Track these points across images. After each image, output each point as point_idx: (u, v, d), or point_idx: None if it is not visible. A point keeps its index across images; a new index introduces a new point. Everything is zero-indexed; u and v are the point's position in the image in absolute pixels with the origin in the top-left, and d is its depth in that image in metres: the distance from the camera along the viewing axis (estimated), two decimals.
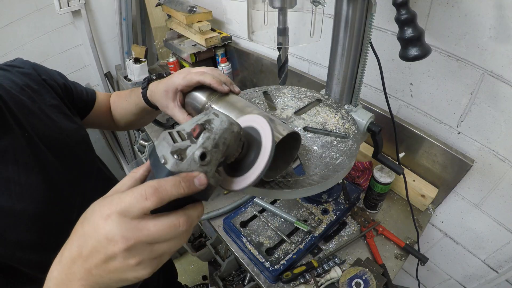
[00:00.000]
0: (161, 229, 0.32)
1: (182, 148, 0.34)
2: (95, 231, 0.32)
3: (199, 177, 0.34)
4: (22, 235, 0.52)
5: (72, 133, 0.66)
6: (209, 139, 0.35)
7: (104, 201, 0.33)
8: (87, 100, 0.77)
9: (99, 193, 0.73)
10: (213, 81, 0.58)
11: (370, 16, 0.63)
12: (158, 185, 0.32)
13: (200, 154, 0.34)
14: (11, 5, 1.58)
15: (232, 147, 0.39)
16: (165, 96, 0.61)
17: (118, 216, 0.31)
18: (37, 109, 0.61)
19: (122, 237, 0.30)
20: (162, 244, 0.33)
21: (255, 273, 0.87)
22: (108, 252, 0.31)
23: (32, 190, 0.54)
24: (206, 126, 0.36)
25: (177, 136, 0.36)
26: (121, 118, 0.83)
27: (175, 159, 0.33)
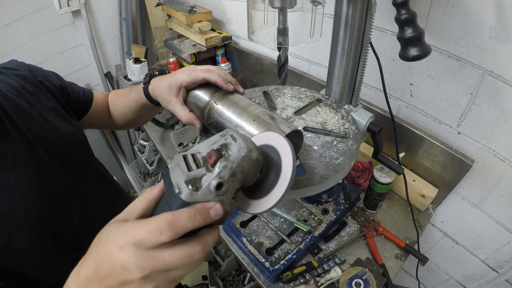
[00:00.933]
0: (177, 259, 0.32)
1: (197, 177, 0.33)
2: (110, 258, 0.32)
3: (215, 208, 0.33)
4: (27, 241, 0.51)
5: (71, 136, 0.66)
6: (225, 168, 0.33)
7: (118, 229, 0.34)
8: (84, 100, 0.76)
9: (99, 195, 0.73)
10: (219, 79, 0.58)
11: (370, 16, 0.63)
12: (173, 219, 0.31)
13: (216, 185, 0.33)
14: (11, 5, 1.58)
15: (251, 174, 0.37)
16: (168, 91, 0.61)
17: (133, 247, 0.31)
18: (34, 113, 0.60)
19: (138, 267, 0.31)
20: (178, 271, 0.33)
21: (255, 273, 0.87)
22: (124, 278, 0.32)
23: (33, 195, 0.54)
24: (223, 152, 0.35)
25: (192, 161, 0.34)
26: (120, 117, 0.82)
27: (189, 190, 0.32)
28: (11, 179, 0.52)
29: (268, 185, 0.38)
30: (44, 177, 0.57)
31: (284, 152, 0.38)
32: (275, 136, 0.40)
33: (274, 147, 0.40)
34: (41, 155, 0.57)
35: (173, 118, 1.52)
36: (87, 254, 0.36)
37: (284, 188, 0.36)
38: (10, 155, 0.52)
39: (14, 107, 0.57)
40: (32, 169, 0.55)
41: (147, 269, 0.31)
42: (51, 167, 0.58)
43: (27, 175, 0.54)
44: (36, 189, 0.55)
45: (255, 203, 0.39)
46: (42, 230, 0.54)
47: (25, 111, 0.59)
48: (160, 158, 1.85)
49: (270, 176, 0.38)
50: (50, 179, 0.58)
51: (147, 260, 0.31)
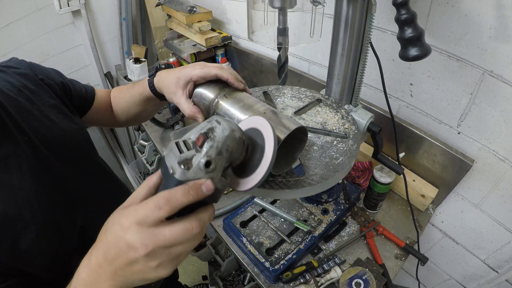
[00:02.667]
0: (176, 234, 0.35)
1: (188, 158, 0.37)
2: (116, 240, 0.35)
3: (206, 183, 0.36)
4: (33, 241, 0.51)
5: (73, 134, 0.65)
6: (212, 148, 0.37)
7: (122, 213, 0.37)
8: (86, 97, 0.76)
9: (103, 193, 0.73)
10: (231, 77, 0.59)
11: (370, 16, 0.63)
12: (169, 195, 0.35)
13: (205, 162, 0.37)
14: (11, 5, 1.58)
15: (236, 152, 0.41)
16: (176, 83, 0.61)
17: (136, 226, 0.34)
18: (36, 111, 0.60)
19: (142, 244, 0.34)
20: (178, 247, 0.36)
21: (255, 273, 0.87)
22: (130, 257, 0.35)
23: (38, 195, 0.54)
24: (209, 134, 0.39)
25: (183, 146, 0.38)
26: (122, 112, 0.82)
27: (182, 169, 0.36)
28: (15, 180, 0.51)
29: (254, 164, 0.43)
30: (47, 176, 0.57)
31: (267, 134, 0.42)
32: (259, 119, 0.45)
33: (259, 129, 0.44)
34: (44, 154, 0.57)
35: (173, 118, 1.52)
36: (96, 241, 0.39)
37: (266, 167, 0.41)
38: (13, 156, 0.52)
39: (16, 106, 0.57)
40: (36, 169, 0.55)
41: (150, 246, 0.34)
42: (54, 166, 0.58)
43: (31, 175, 0.54)
44: (41, 189, 0.55)
45: (243, 181, 0.43)
46: (48, 230, 0.54)
47: (27, 110, 0.58)
48: (160, 158, 1.85)
49: (255, 156, 0.43)
50: (54, 178, 0.58)
51: (150, 237, 0.34)
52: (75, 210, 0.61)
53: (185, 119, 1.55)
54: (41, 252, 0.53)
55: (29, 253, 0.51)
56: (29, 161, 0.54)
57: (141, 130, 2.03)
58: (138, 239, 0.34)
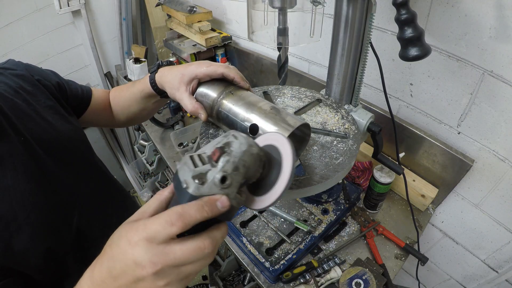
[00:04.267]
0: (187, 253, 0.33)
1: (203, 172, 0.35)
2: (123, 255, 0.33)
3: (222, 200, 0.35)
4: (27, 243, 0.51)
5: (70, 135, 0.65)
6: (228, 162, 0.36)
7: (131, 227, 0.35)
8: (82, 97, 0.76)
9: (100, 194, 0.73)
10: (237, 76, 0.59)
11: (370, 16, 0.63)
12: (182, 211, 0.33)
13: (221, 178, 0.35)
14: (11, 5, 1.58)
15: (252, 169, 0.39)
16: (180, 79, 0.61)
17: (145, 242, 0.32)
18: (32, 112, 0.60)
19: (150, 262, 0.32)
20: (189, 266, 0.34)
21: (255, 273, 0.87)
22: (137, 275, 0.33)
23: (33, 196, 0.54)
24: (225, 149, 0.37)
25: (198, 160, 0.37)
26: (122, 112, 0.82)
27: (196, 184, 0.34)
28: (9, 180, 0.51)
29: (270, 182, 0.40)
30: (43, 177, 0.56)
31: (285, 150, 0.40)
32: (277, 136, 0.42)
33: (276, 146, 0.42)
34: (40, 155, 0.57)
35: (173, 118, 1.52)
36: (100, 254, 0.37)
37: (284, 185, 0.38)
38: (8, 156, 0.52)
39: (12, 107, 0.57)
40: (31, 170, 0.55)
41: (159, 264, 0.32)
42: (49, 167, 0.58)
43: (26, 175, 0.54)
44: (35, 190, 0.54)
45: (258, 199, 0.41)
46: (42, 230, 0.54)
47: (23, 111, 0.58)
48: (160, 158, 1.85)
49: (272, 174, 0.41)
50: (49, 179, 0.58)
51: (159, 255, 0.32)
52: (71, 211, 0.61)
53: (185, 119, 1.55)
54: (36, 253, 0.53)
55: (23, 254, 0.51)
56: (25, 161, 0.54)
57: (141, 130, 2.03)
58: (146, 256, 0.32)
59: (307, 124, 0.51)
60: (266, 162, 0.41)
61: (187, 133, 1.41)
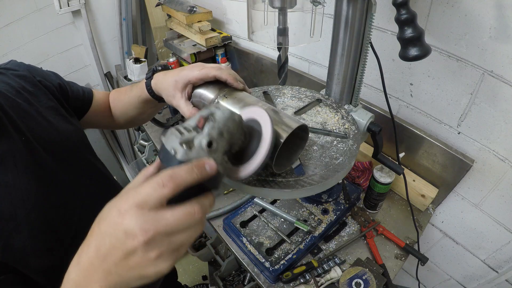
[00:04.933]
0: (178, 218, 0.32)
1: (190, 138, 0.37)
2: (113, 228, 0.32)
3: (209, 162, 0.35)
4: (27, 241, 0.51)
5: (70, 135, 0.66)
6: (213, 128, 0.38)
7: (119, 198, 0.34)
8: (84, 99, 0.76)
9: (99, 194, 0.73)
10: (230, 77, 0.59)
11: (370, 16, 0.63)
12: (173, 173, 0.33)
13: (207, 142, 0.37)
14: (11, 5, 1.58)
15: (235, 136, 0.41)
16: (174, 86, 0.61)
17: (136, 208, 0.32)
18: (34, 112, 0.60)
19: (141, 229, 0.31)
20: (180, 235, 0.33)
21: (255, 273, 0.87)
22: (127, 247, 0.31)
23: (33, 195, 0.54)
24: (209, 117, 0.39)
25: (184, 129, 0.38)
26: (121, 115, 0.82)
27: (184, 149, 0.36)
28: (10, 178, 0.51)
29: (252, 151, 0.44)
30: (43, 176, 0.57)
31: (264, 121, 0.44)
32: (256, 109, 0.46)
33: (256, 119, 0.45)
34: (41, 154, 0.57)
35: (173, 118, 1.52)
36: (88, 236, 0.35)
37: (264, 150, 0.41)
38: (9, 155, 0.52)
39: (14, 106, 0.57)
40: (32, 169, 0.55)
41: (150, 231, 0.31)
42: (50, 166, 0.58)
43: (27, 174, 0.54)
44: (36, 189, 0.55)
45: (241, 168, 0.44)
46: (42, 230, 0.54)
47: (25, 111, 0.59)
48: None
49: (253, 143, 0.44)
50: (50, 178, 0.58)
51: (150, 221, 0.31)
52: (71, 211, 0.61)
53: (185, 119, 1.55)
54: (35, 252, 0.53)
55: (22, 252, 0.51)
56: (26, 160, 0.54)
57: (141, 130, 2.03)
58: (137, 223, 0.31)
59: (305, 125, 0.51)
60: (247, 133, 0.45)
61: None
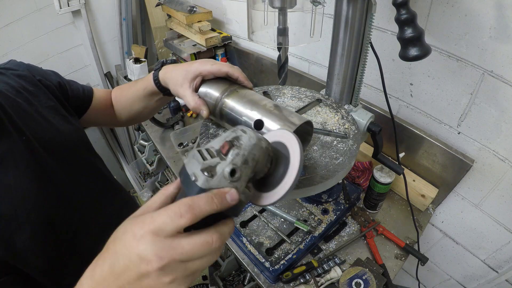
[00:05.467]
0: (195, 247, 0.32)
1: (212, 165, 0.35)
2: (127, 250, 0.32)
3: (231, 192, 0.34)
4: (28, 241, 0.51)
5: (71, 135, 0.66)
6: (238, 156, 0.36)
7: (136, 221, 0.33)
8: (84, 97, 0.76)
9: (99, 194, 0.73)
10: (241, 75, 0.60)
11: (370, 16, 0.63)
12: (192, 202, 0.32)
13: (230, 171, 0.35)
14: (11, 5, 1.58)
15: (261, 163, 0.39)
16: (184, 75, 0.61)
17: (152, 235, 0.31)
18: (34, 112, 0.60)
19: (156, 256, 0.31)
20: (196, 262, 0.33)
21: (255, 273, 0.87)
22: (141, 270, 0.31)
23: (34, 194, 0.54)
24: (234, 143, 0.37)
25: (206, 153, 0.36)
26: (124, 111, 0.82)
27: (205, 176, 0.34)
28: (11, 178, 0.51)
29: (278, 178, 0.40)
30: (43, 176, 0.57)
31: (293, 146, 0.40)
32: (284, 133, 0.43)
33: (283, 143, 0.42)
34: (41, 154, 0.57)
35: (173, 118, 1.52)
36: (103, 251, 0.35)
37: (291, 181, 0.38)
38: (9, 155, 0.52)
39: (14, 106, 0.57)
40: (32, 169, 0.55)
41: (165, 259, 0.31)
42: (51, 166, 0.58)
43: (27, 174, 0.54)
44: (36, 189, 0.55)
45: (265, 195, 0.41)
46: (43, 230, 0.54)
47: (25, 111, 0.59)
48: (160, 158, 1.85)
49: (279, 170, 0.41)
50: (50, 178, 0.58)
51: (166, 249, 0.31)
52: (71, 211, 0.61)
53: (185, 119, 1.55)
54: (36, 252, 0.53)
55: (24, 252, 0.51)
56: (26, 160, 0.54)
57: (141, 130, 2.03)
58: (152, 250, 0.31)
59: (310, 122, 0.52)
60: (273, 158, 0.42)
61: (187, 133, 1.41)
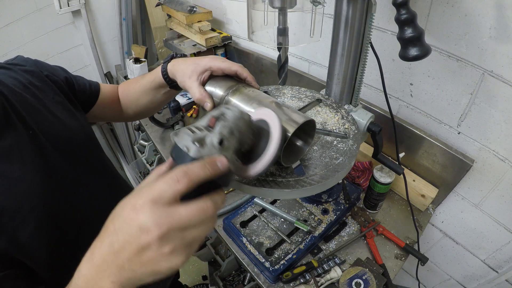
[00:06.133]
0: (192, 214, 0.33)
1: (202, 136, 0.39)
2: (127, 224, 0.33)
3: (221, 159, 0.37)
4: (32, 234, 0.52)
5: (78, 130, 0.66)
6: (224, 127, 0.40)
7: (134, 194, 0.35)
8: (90, 93, 0.77)
9: (105, 190, 0.74)
10: (250, 76, 0.62)
11: (370, 16, 0.63)
12: (187, 169, 0.34)
13: (219, 140, 0.39)
14: (11, 5, 1.58)
15: (245, 135, 0.43)
16: (194, 68, 0.62)
17: (150, 204, 0.32)
18: (41, 107, 0.61)
19: (156, 224, 0.31)
20: (193, 230, 0.34)
21: (255, 273, 0.87)
22: (141, 242, 0.32)
23: (39, 188, 0.54)
24: (221, 117, 0.41)
25: (195, 129, 0.40)
26: (131, 105, 0.83)
27: (197, 147, 0.37)
28: (16, 172, 0.52)
29: (261, 150, 0.46)
30: (49, 170, 0.57)
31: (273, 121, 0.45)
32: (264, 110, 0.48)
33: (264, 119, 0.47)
34: (47, 148, 0.58)
35: (173, 118, 1.52)
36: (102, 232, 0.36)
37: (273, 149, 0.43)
38: (16, 148, 0.53)
39: (21, 101, 0.57)
40: (38, 163, 0.55)
41: (164, 226, 0.31)
42: (56, 161, 0.59)
43: (33, 168, 0.54)
44: (41, 183, 0.55)
45: (250, 166, 0.46)
46: (47, 224, 0.55)
47: (32, 105, 0.59)
48: (160, 158, 1.85)
49: (262, 143, 0.46)
50: (56, 173, 0.58)
51: (164, 216, 0.32)
52: (76, 206, 0.61)
53: (185, 119, 1.55)
54: (40, 247, 0.53)
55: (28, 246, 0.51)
56: (32, 154, 0.55)
57: (141, 130, 2.03)
58: (151, 218, 0.31)
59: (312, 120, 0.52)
60: (256, 132, 0.46)
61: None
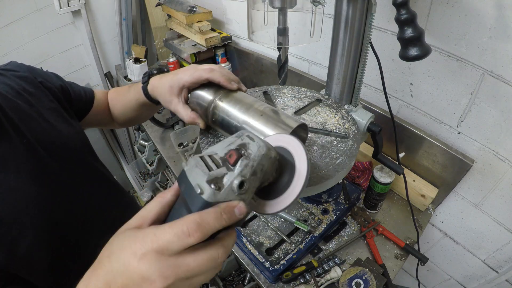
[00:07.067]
0: (201, 263, 0.31)
1: (219, 176, 0.33)
2: (126, 269, 0.30)
3: (239, 206, 0.33)
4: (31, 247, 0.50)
5: (72, 137, 0.65)
6: (247, 167, 0.34)
7: (135, 237, 0.31)
8: (85, 100, 0.76)
9: (102, 197, 0.73)
10: (222, 79, 0.58)
11: (370, 16, 0.63)
12: (200, 220, 0.30)
13: (239, 183, 0.33)
14: (11, 5, 1.59)
15: (268, 173, 0.37)
16: (169, 92, 0.61)
17: (155, 254, 0.29)
18: (35, 114, 0.59)
19: (161, 276, 0.29)
20: (200, 277, 0.32)
21: (255, 273, 0.87)
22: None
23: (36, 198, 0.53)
24: (242, 151, 0.35)
25: (211, 162, 0.34)
26: (120, 115, 0.82)
27: (212, 189, 0.32)
28: (13, 182, 0.50)
29: (283, 185, 0.38)
30: (46, 178, 0.56)
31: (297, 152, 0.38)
32: (287, 137, 0.41)
33: (286, 148, 0.40)
34: (42, 156, 0.56)
35: (173, 118, 1.52)
36: (96, 265, 0.33)
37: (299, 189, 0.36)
38: (11, 157, 0.51)
39: (14, 108, 0.56)
40: (34, 171, 0.54)
41: (170, 278, 0.29)
42: (52, 169, 0.58)
43: (29, 177, 0.53)
44: (38, 191, 0.53)
45: (270, 203, 0.39)
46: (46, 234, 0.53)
47: (25, 112, 0.58)
48: (160, 158, 1.85)
49: (284, 176, 0.39)
50: (52, 181, 0.57)
51: (171, 268, 0.29)
52: (74, 215, 0.60)
53: None
54: (39, 259, 0.52)
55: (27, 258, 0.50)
56: (27, 163, 0.53)
57: (141, 130, 2.03)
58: (156, 269, 0.29)
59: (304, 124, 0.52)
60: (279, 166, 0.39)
61: (187, 133, 1.41)
